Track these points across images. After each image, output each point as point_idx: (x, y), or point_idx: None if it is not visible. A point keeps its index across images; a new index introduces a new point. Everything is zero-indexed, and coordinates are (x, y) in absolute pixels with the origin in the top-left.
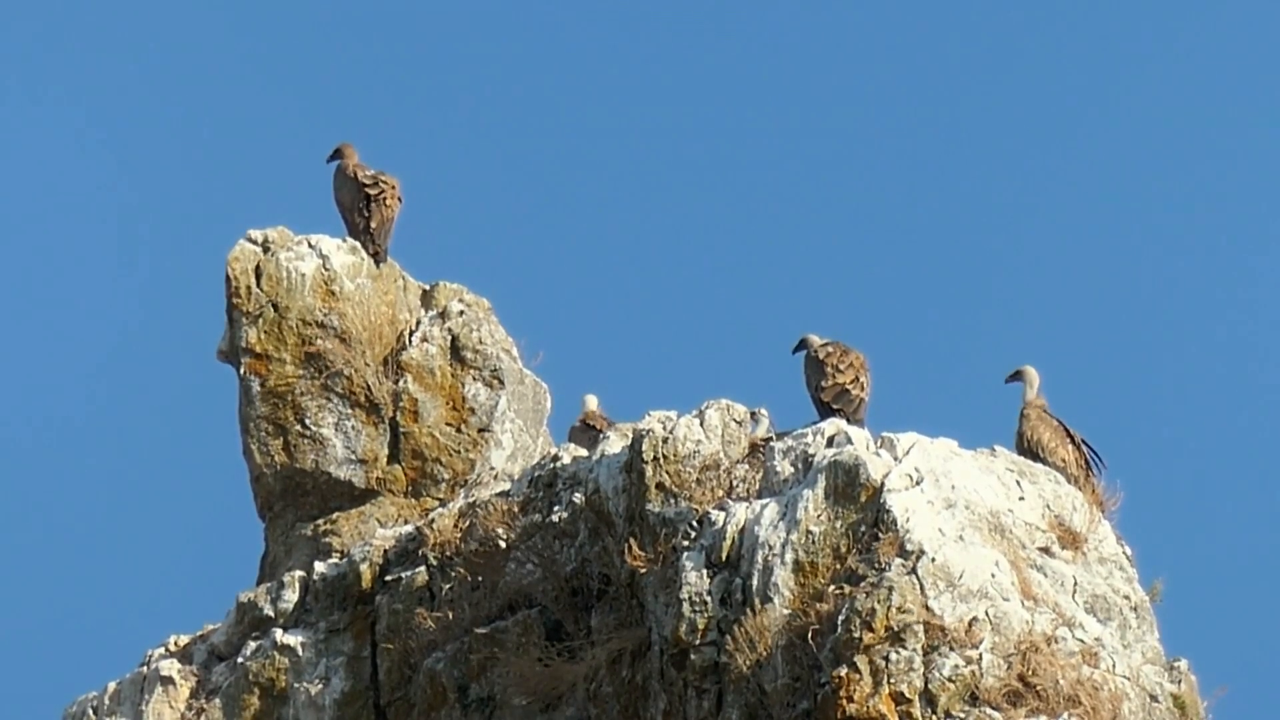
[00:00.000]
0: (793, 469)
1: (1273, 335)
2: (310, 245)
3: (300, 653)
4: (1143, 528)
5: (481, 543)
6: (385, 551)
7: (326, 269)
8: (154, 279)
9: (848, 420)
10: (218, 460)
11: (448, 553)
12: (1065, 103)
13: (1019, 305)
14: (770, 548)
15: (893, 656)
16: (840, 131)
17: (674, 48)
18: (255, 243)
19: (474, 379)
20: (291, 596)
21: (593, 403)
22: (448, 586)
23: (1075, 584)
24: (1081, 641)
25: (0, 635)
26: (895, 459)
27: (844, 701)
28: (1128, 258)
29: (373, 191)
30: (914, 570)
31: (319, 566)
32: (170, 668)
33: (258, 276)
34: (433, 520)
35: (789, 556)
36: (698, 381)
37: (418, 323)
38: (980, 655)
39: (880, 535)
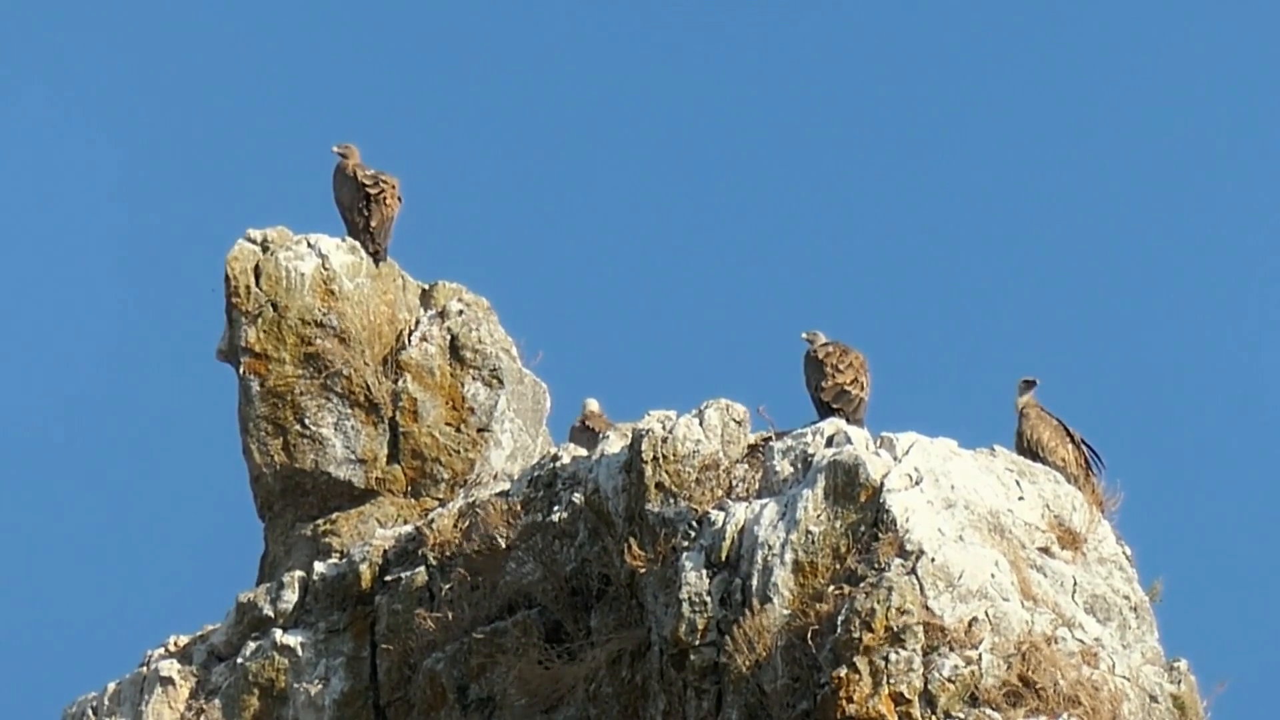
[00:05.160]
0: (792, 469)
1: (1273, 335)
2: (309, 245)
3: (300, 653)
4: (1143, 528)
5: (481, 543)
6: (385, 551)
7: (326, 268)
8: (154, 279)
9: (847, 420)
10: (218, 460)
11: (447, 553)
12: (1064, 103)
13: (1019, 305)
14: (770, 548)
15: (892, 657)
16: (839, 131)
17: (674, 48)
18: (254, 242)
19: (473, 379)
20: (291, 597)
21: (594, 405)
22: (447, 587)
23: (1075, 584)
24: (1081, 642)
25: (0, 635)
26: (895, 459)
27: (844, 702)
28: (1127, 257)
29: (372, 191)
30: (914, 570)
31: (319, 567)
32: (170, 668)
33: (257, 276)
34: (432, 520)
35: (788, 556)
36: (698, 381)
37: (417, 322)
38: (980, 655)
39: (880, 535)
